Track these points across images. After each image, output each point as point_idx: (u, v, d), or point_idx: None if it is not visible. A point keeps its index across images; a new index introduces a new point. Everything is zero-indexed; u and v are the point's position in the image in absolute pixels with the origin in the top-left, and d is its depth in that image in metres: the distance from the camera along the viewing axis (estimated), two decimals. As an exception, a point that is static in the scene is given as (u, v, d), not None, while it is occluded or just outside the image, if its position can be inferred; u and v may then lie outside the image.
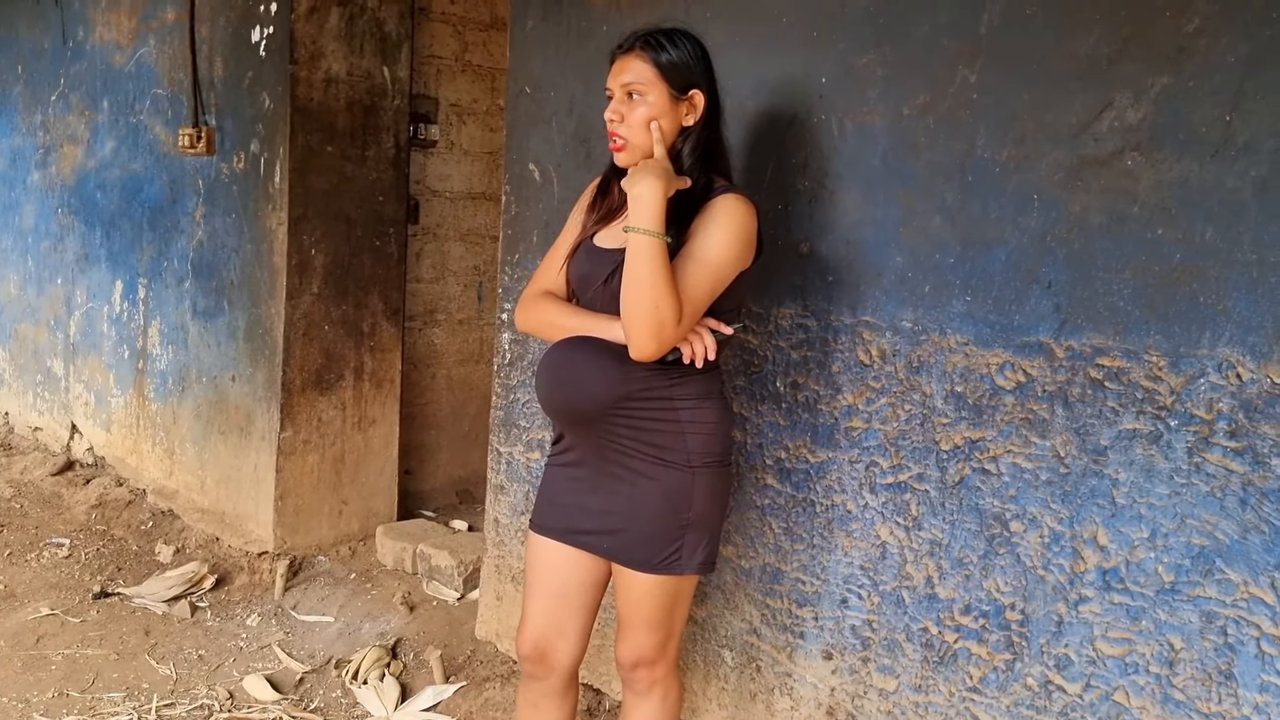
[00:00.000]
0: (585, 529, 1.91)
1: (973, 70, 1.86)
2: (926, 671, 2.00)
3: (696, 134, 1.85)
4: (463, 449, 4.37)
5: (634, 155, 1.84)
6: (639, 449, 1.84)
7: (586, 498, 1.91)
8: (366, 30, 3.62)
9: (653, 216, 1.71)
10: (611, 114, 1.84)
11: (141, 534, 3.97)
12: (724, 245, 1.78)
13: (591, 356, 1.83)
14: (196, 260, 3.99)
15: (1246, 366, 1.57)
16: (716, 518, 1.92)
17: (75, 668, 2.93)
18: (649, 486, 1.85)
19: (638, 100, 1.82)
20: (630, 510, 1.86)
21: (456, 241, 4.19)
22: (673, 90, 1.82)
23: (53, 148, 4.98)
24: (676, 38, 1.83)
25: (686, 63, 1.82)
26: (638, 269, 1.71)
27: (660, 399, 1.83)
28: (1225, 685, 1.62)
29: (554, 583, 1.97)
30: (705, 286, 1.77)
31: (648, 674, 1.97)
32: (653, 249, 1.70)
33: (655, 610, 1.91)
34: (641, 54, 1.81)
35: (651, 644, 1.94)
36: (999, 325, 1.85)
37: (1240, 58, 1.56)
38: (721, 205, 1.80)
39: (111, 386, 4.59)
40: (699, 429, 1.85)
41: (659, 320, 1.70)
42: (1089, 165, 1.72)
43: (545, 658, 1.99)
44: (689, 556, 1.87)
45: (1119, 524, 1.72)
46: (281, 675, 2.94)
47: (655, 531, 1.85)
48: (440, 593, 3.44)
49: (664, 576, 1.87)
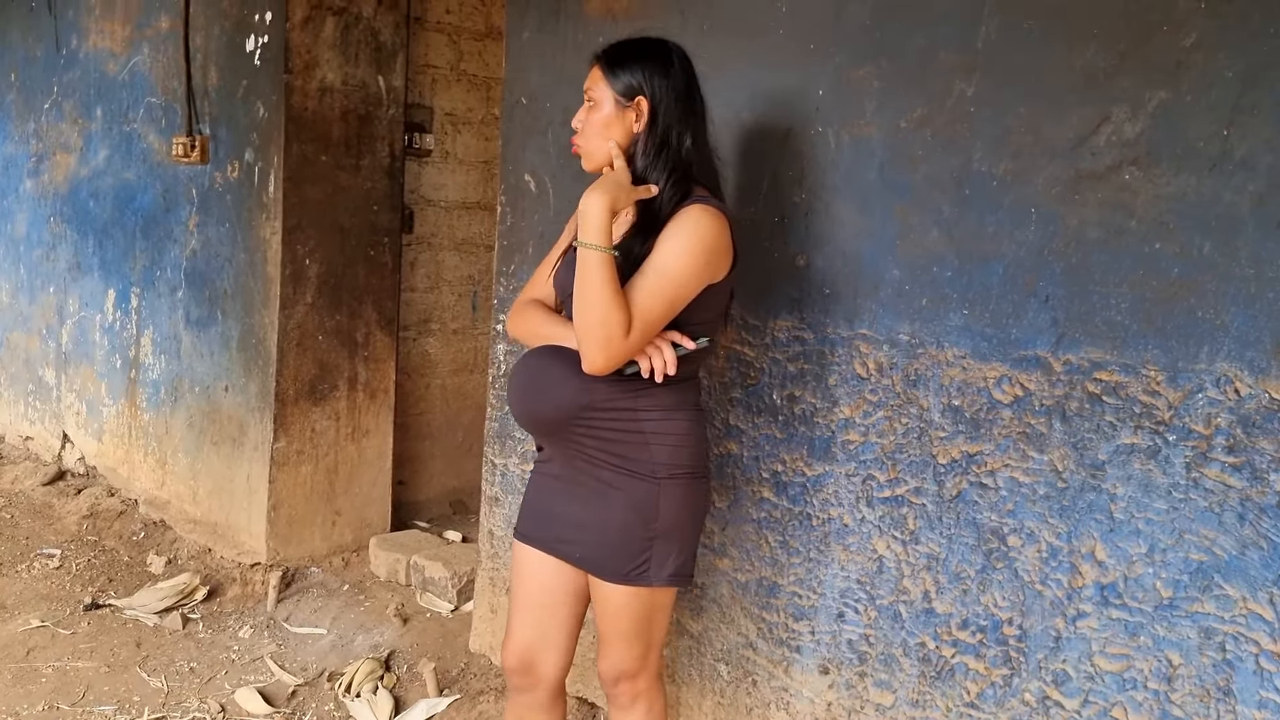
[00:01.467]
0: (563, 538, 1.92)
1: (970, 84, 1.86)
2: (924, 686, 1.99)
3: (645, 140, 1.83)
4: (457, 459, 4.36)
5: (591, 162, 1.88)
6: (605, 459, 1.84)
7: (564, 505, 1.92)
8: (361, 39, 3.62)
9: (596, 231, 1.72)
10: (575, 122, 1.89)
11: (133, 545, 3.95)
12: (682, 257, 1.76)
13: (556, 366, 1.84)
14: (190, 269, 3.97)
15: (1244, 381, 1.56)
16: (689, 530, 1.90)
17: (66, 680, 2.91)
18: (615, 496, 1.85)
19: (593, 108, 1.86)
20: (600, 520, 1.86)
21: (451, 251, 4.18)
22: (618, 97, 1.83)
23: (45, 156, 4.96)
24: (636, 45, 1.86)
25: (634, 69, 1.83)
26: (584, 284, 1.72)
27: (624, 409, 1.82)
28: (1224, 701, 1.61)
29: (539, 593, 1.97)
30: (660, 299, 1.74)
31: (630, 687, 1.96)
32: (598, 263, 1.71)
33: (631, 622, 1.90)
34: (599, 62, 1.86)
35: (631, 656, 1.93)
36: (996, 339, 1.84)
37: (1237, 73, 1.56)
38: (685, 216, 1.78)
39: (103, 396, 4.57)
40: (665, 440, 1.84)
41: (606, 334, 1.70)
42: (1086, 179, 1.72)
43: (531, 669, 1.98)
44: (658, 568, 1.86)
45: (1117, 539, 1.71)
46: (274, 688, 2.92)
47: (622, 542, 1.85)
48: (434, 605, 3.43)
49: (635, 588, 1.86)
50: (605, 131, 1.84)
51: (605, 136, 1.84)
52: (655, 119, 1.83)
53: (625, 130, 1.84)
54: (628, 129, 1.84)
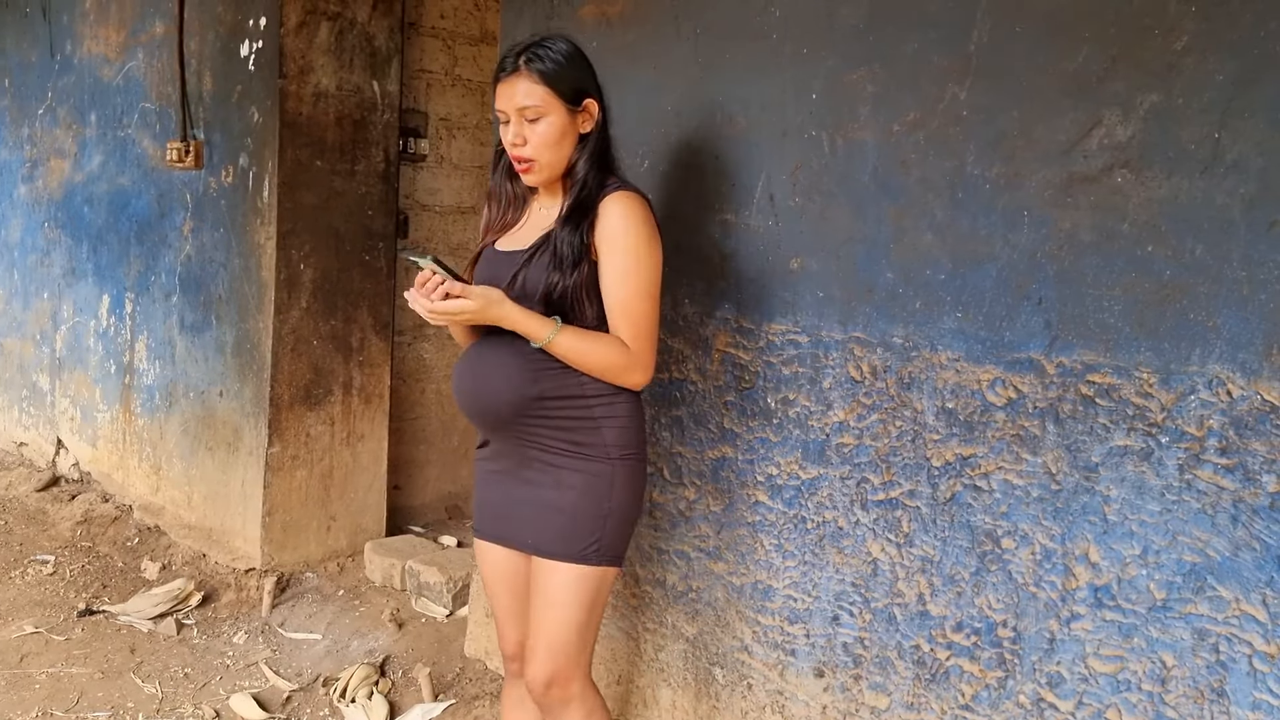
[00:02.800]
0: (513, 527, 1.96)
1: (962, 88, 1.86)
2: (919, 689, 1.99)
3: (594, 141, 1.89)
4: (452, 464, 4.35)
5: (544, 174, 1.89)
6: (559, 446, 1.89)
7: (511, 495, 1.96)
8: (356, 45, 3.62)
9: (532, 331, 1.81)
10: (514, 139, 1.85)
11: (127, 550, 3.94)
12: (640, 249, 1.85)
13: (501, 360, 1.89)
14: (184, 275, 3.97)
15: (1237, 383, 1.57)
16: (634, 511, 1.96)
17: (60, 687, 2.90)
18: (571, 478, 1.89)
19: (538, 120, 1.84)
20: (552, 502, 1.90)
21: (446, 256, 4.18)
22: (568, 104, 1.84)
23: (40, 161, 4.95)
24: (557, 49, 1.85)
25: (575, 73, 1.85)
26: (574, 362, 1.84)
27: (573, 396, 1.88)
28: (1217, 703, 1.61)
29: (505, 585, 2.04)
30: (641, 298, 1.85)
31: (561, 693, 1.93)
32: (563, 346, 1.82)
33: (572, 607, 1.89)
34: (529, 73, 1.82)
35: (564, 651, 1.90)
36: (990, 341, 1.85)
37: (1228, 76, 1.56)
38: (617, 213, 1.84)
39: (98, 401, 4.56)
40: (613, 423, 1.90)
41: (623, 366, 1.85)
42: (1079, 182, 1.73)
43: (520, 654, 2.04)
44: (607, 547, 1.90)
45: (1110, 541, 1.72)
46: (269, 694, 2.91)
47: (575, 522, 1.89)
48: (429, 609, 3.42)
49: (583, 568, 1.89)
50: (563, 140, 1.86)
51: (563, 145, 1.86)
52: (605, 119, 1.90)
53: (575, 136, 1.88)
54: (576, 133, 1.88)
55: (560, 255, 1.83)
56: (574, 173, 1.89)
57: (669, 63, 2.34)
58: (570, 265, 1.83)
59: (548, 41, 1.86)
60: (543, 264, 1.85)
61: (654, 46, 2.37)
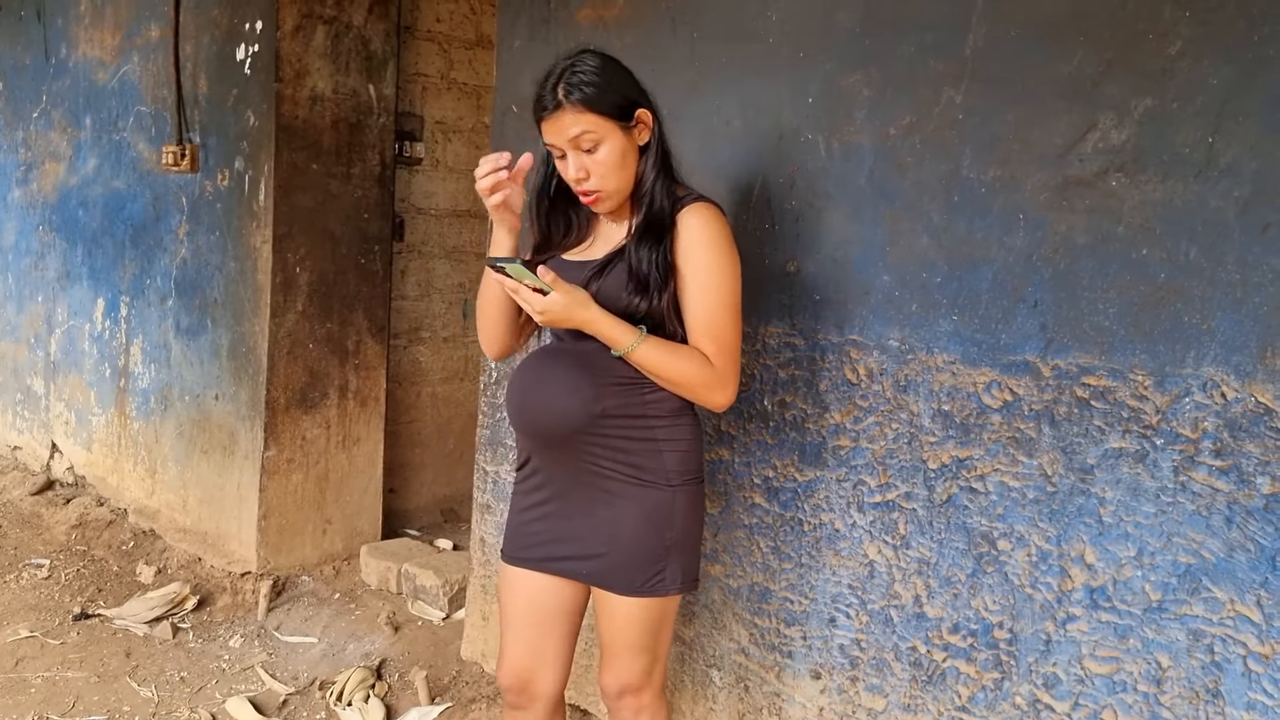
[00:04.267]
0: (562, 555, 1.87)
1: (958, 91, 1.87)
2: (915, 691, 2.00)
3: (655, 150, 1.80)
4: (448, 467, 4.35)
5: (614, 200, 1.80)
6: (616, 469, 1.81)
7: (561, 523, 1.87)
8: (352, 48, 3.62)
9: (616, 337, 1.74)
10: (576, 173, 1.75)
11: (122, 554, 3.94)
12: (723, 269, 1.78)
13: (564, 373, 1.80)
14: (180, 278, 3.96)
15: (1231, 385, 1.58)
16: (697, 536, 1.90)
17: (55, 691, 2.89)
18: (628, 508, 1.81)
19: (595, 148, 1.74)
20: (611, 533, 1.82)
21: (441, 259, 4.19)
22: (620, 123, 1.74)
23: (34, 165, 4.95)
24: (590, 67, 1.73)
25: (617, 87, 1.74)
26: (656, 374, 1.77)
27: (635, 416, 1.80)
28: (1213, 703, 1.62)
29: (531, 613, 1.93)
30: (724, 311, 1.78)
31: (634, 701, 1.93)
32: (647, 356, 1.74)
33: (641, 635, 1.87)
34: (572, 106, 1.70)
35: (637, 670, 1.90)
36: (986, 344, 1.86)
37: (1222, 80, 1.57)
38: (697, 226, 1.77)
39: (93, 405, 4.55)
40: (675, 446, 1.83)
41: (705, 383, 1.77)
42: (1074, 185, 1.73)
43: (527, 688, 1.95)
44: (672, 578, 1.84)
45: (1106, 542, 1.73)
46: (265, 697, 2.91)
47: (638, 554, 1.82)
48: (425, 613, 3.42)
49: (649, 599, 1.84)
50: (625, 161, 1.76)
51: (626, 166, 1.77)
52: (659, 122, 1.81)
53: (636, 152, 1.79)
54: (636, 148, 1.79)
55: (642, 277, 1.74)
56: (641, 186, 1.79)
57: (665, 66, 2.35)
58: (657, 288, 1.74)
59: (578, 64, 1.73)
60: (619, 281, 1.76)
61: (650, 49, 2.38)
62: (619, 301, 1.76)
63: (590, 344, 1.79)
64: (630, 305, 1.75)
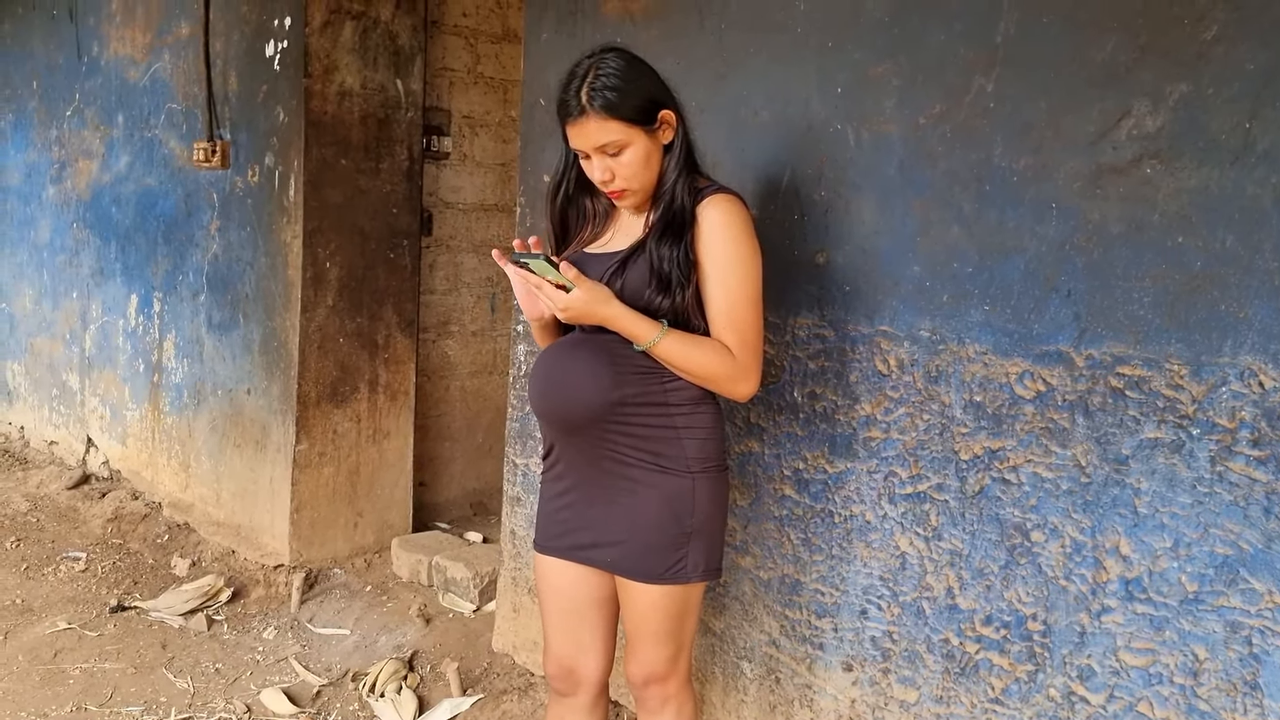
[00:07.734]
0: (586, 543, 1.89)
1: (989, 79, 1.86)
2: (948, 683, 1.99)
3: (678, 148, 1.81)
4: (477, 461, 4.37)
5: (640, 196, 1.82)
6: (637, 457, 1.82)
7: (584, 510, 1.88)
8: (380, 43, 3.64)
9: (638, 332, 1.75)
10: (602, 175, 1.78)
11: (157, 547, 3.98)
12: (742, 253, 1.78)
13: (584, 361, 1.82)
14: (211, 274, 4.00)
15: (1269, 374, 1.56)
16: (719, 523, 1.89)
17: (93, 682, 2.94)
18: (649, 495, 1.82)
19: (620, 153, 1.76)
20: (631, 520, 1.83)
21: (469, 253, 4.20)
22: (646, 127, 1.76)
23: (68, 163, 5.01)
24: (613, 69, 1.73)
25: (641, 90, 1.75)
26: (679, 368, 1.78)
27: (655, 404, 1.81)
28: (1250, 695, 1.60)
29: (565, 602, 1.95)
30: (745, 304, 1.78)
31: (660, 690, 1.93)
32: (669, 350, 1.75)
33: (664, 622, 1.87)
34: (595, 112, 1.72)
35: (661, 658, 1.90)
36: (1018, 334, 1.84)
37: (1259, 65, 1.55)
38: (717, 218, 1.77)
39: (127, 400, 4.61)
40: (695, 434, 1.83)
41: (728, 375, 1.77)
42: (1107, 173, 1.72)
43: (571, 675, 1.98)
44: (694, 565, 1.84)
45: (1141, 534, 1.71)
46: (299, 688, 2.94)
47: (658, 541, 1.82)
48: (456, 605, 3.44)
49: (670, 586, 1.84)
50: (649, 161, 1.78)
51: (651, 165, 1.79)
52: (682, 121, 1.82)
53: (660, 151, 1.81)
54: (660, 147, 1.80)
55: (664, 276, 1.76)
56: (662, 184, 1.81)
57: (693, 57, 2.34)
58: (679, 286, 1.75)
59: (601, 66, 1.73)
60: (641, 280, 1.78)
61: (677, 41, 2.38)
62: (641, 299, 1.77)
63: (611, 333, 1.80)
64: (653, 304, 1.77)
